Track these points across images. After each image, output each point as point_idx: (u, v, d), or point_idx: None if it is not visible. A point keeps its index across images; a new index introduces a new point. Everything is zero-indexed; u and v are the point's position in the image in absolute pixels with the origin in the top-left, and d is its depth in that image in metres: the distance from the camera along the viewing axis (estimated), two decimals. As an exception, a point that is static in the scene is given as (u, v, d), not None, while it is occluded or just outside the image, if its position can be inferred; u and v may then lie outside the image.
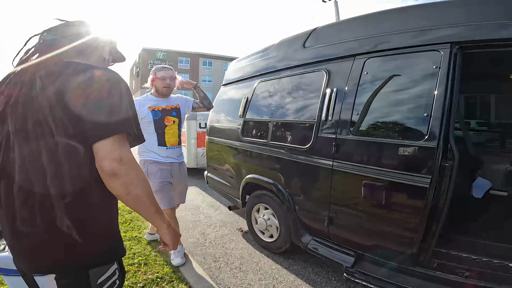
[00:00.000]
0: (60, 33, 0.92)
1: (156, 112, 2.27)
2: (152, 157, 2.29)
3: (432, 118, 1.58)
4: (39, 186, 0.80)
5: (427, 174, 1.58)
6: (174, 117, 2.35)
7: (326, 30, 2.44)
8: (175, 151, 2.37)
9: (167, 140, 2.31)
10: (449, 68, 1.57)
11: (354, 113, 1.93)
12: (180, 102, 2.44)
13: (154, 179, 2.27)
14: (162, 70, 2.31)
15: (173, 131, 2.34)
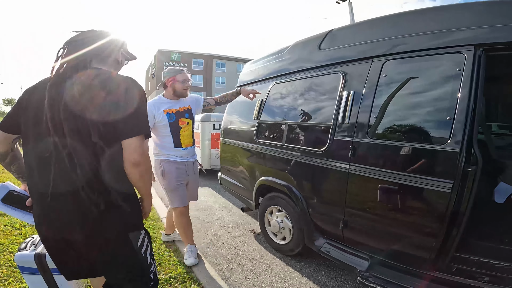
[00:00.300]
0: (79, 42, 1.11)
1: (171, 115, 2.33)
2: (168, 156, 2.36)
3: (455, 121, 1.54)
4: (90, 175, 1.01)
5: (449, 179, 1.54)
6: (187, 119, 2.41)
7: (343, 32, 2.40)
8: (190, 151, 2.43)
9: (183, 141, 2.36)
10: (473, 71, 1.53)
11: (372, 116, 1.90)
12: (191, 103, 2.49)
13: (170, 178, 2.34)
14: (181, 73, 2.37)
15: (187, 132, 2.40)
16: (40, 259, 1.48)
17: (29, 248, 1.53)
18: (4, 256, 2.32)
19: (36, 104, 1.05)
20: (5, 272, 2.09)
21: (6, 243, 2.55)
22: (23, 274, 1.54)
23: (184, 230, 2.48)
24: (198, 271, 2.30)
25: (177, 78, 2.34)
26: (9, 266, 2.17)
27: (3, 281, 1.99)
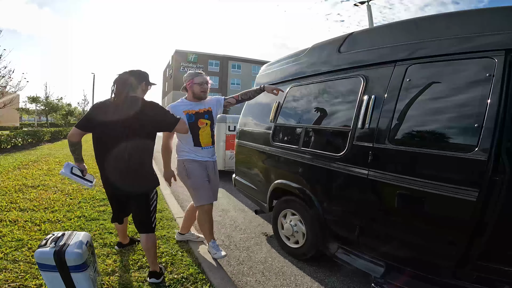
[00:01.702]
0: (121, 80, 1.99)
1: (190, 116, 2.43)
2: (190, 156, 2.46)
3: (483, 129, 1.47)
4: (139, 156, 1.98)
5: (475, 188, 1.49)
6: (207, 120, 2.49)
7: (364, 35, 2.35)
8: (209, 150, 2.52)
9: (202, 141, 2.46)
10: (504, 76, 1.47)
11: (394, 121, 1.84)
12: (212, 105, 2.56)
13: (195, 176, 2.44)
14: (199, 76, 2.48)
15: (206, 132, 2.48)
16: (59, 256, 1.51)
17: (49, 245, 1.57)
18: (23, 252, 2.39)
19: (105, 115, 1.91)
20: (22, 268, 2.15)
21: (25, 239, 2.63)
22: (41, 271, 1.58)
23: (207, 227, 2.53)
24: (210, 272, 2.30)
25: (194, 80, 2.45)
26: (27, 263, 2.23)
27: (20, 277, 2.04)
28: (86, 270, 1.59)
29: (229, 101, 2.64)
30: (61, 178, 5.23)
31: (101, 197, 4.09)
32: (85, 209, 3.58)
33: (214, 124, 2.56)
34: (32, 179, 5.10)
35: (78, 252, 1.55)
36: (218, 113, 2.61)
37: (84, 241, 1.66)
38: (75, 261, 1.53)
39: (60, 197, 4.04)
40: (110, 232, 2.89)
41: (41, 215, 3.26)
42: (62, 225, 3.06)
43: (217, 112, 2.59)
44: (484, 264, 1.62)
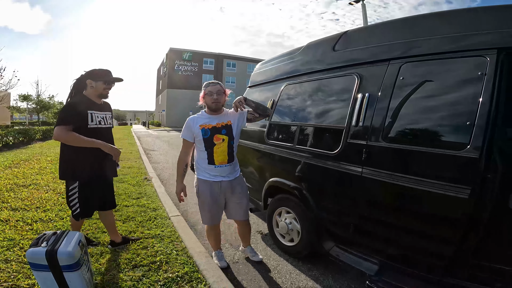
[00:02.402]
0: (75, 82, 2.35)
1: (206, 131, 2.23)
2: (202, 175, 2.32)
3: (475, 127, 1.49)
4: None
5: (467, 185, 1.51)
6: (224, 135, 2.25)
7: (358, 33, 2.36)
8: (224, 169, 2.28)
9: (216, 159, 2.25)
10: (496, 75, 1.48)
11: (387, 119, 1.85)
12: (232, 118, 2.32)
13: (203, 198, 2.34)
14: (209, 86, 2.28)
15: (222, 149, 2.24)
16: (51, 256, 1.49)
17: (41, 244, 1.54)
18: (14, 252, 2.35)
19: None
20: (15, 268, 2.12)
21: (17, 239, 2.60)
22: (33, 270, 1.56)
23: (213, 240, 2.55)
24: (205, 271, 2.29)
25: (205, 91, 2.25)
26: (19, 262, 2.20)
27: (12, 277, 2.01)
28: (79, 269, 1.57)
29: (252, 113, 2.36)
30: (53, 177, 5.16)
31: (94, 196, 4.05)
32: (78, 208, 3.53)
33: (234, 139, 2.29)
34: (23, 178, 5.02)
35: (70, 251, 1.53)
36: (242, 126, 2.36)
37: (77, 240, 1.64)
38: (67, 261, 1.51)
39: (52, 196, 3.99)
40: (104, 231, 2.86)
41: (32, 215, 3.21)
42: (54, 224, 3.02)
43: (240, 126, 2.34)
44: (477, 262, 1.64)
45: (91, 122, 2.26)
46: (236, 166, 2.41)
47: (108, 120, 2.43)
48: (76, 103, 2.25)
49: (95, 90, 2.31)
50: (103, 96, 2.37)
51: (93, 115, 2.28)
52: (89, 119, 2.24)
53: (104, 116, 2.40)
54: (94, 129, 2.27)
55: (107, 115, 2.45)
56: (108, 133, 2.42)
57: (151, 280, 2.11)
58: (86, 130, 2.21)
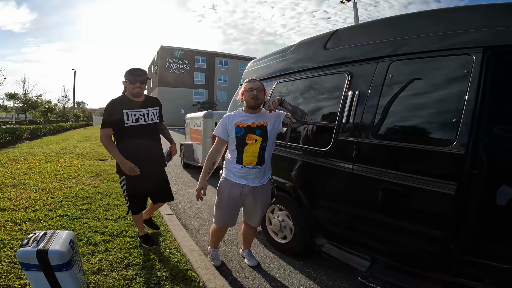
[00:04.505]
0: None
1: (240, 129, 2.13)
2: (227, 175, 2.24)
3: (461, 124, 1.52)
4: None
5: (454, 181, 1.54)
6: (257, 136, 2.13)
7: (349, 31, 2.39)
8: (250, 171, 2.15)
9: (244, 159, 2.14)
10: (481, 73, 1.52)
11: (377, 116, 1.88)
12: (269, 119, 2.18)
13: (221, 197, 2.27)
14: (250, 82, 2.17)
15: (252, 150, 2.13)
16: (42, 256, 1.47)
17: (31, 244, 1.52)
18: (4, 252, 2.32)
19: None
20: (6, 268, 2.09)
21: (6, 239, 2.55)
22: (24, 270, 1.54)
23: (215, 239, 2.47)
24: (199, 269, 2.30)
25: (244, 87, 2.18)
26: (10, 262, 2.17)
27: (3, 277, 1.98)
28: (71, 269, 1.55)
29: (290, 118, 2.17)
30: (41, 176, 5.07)
31: (84, 195, 4.01)
32: (67, 207, 3.49)
33: (267, 142, 2.15)
34: (11, 178, 4.92)
35: (61, 251, 1.51)
36: (277, 129, 2.20)
37: (68, 240, 1.62)
38: (58, 260, 1.50)
39: (41, 196, 3.92)
40: (95, 231, 2.84)
41: (21, 215, 3.16)
42: (44, 224, 2.97)
43: (275, 128, 2.19)
44: (466, 257, 1.66)
45: (127, 120, 2.40)
46: (267, 172, 2.25)
47: (150, 116, 2.53)
48: (111, 104, 2.42)
49: (128, 90, 2.46)
50: (135, 95, 2.46)
51: (129, 113, 2.41)
52: (125, 118, 2.39)
53: (145, 113, 2.50)
54: (132, 127, 2.42)
55: (151, 110, 2.55)
56: (150, 129, 2.53)
57: (144, 279, 2.10)
58: (124, 129, 2.40)
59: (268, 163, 2.23)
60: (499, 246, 1.80)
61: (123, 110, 2.39)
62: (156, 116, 2.59)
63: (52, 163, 6.52)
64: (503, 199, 2.35)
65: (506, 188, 2.37)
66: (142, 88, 2.45)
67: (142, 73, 2.45)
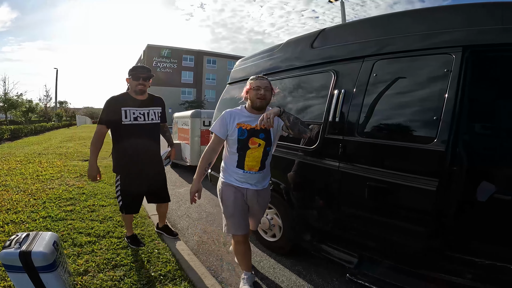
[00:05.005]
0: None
1: (243, 131, 1.94)
2: (227, 179, 2.06)
3: (441, 121, 1.56)
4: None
5: (435, 177, 1.57)
6: (261, 140, 1.96)
7: (335, 31, 2.42)
8: (252, 176, 2.01)
9: (246, 163, 1.98)
10: (461, 72, 1.55)
11: (362, 114, 1.92)
12: (275, 123, 2.01)
13: (227, 203, 2.06)
14: (257, 80, 1.98)
15: (255, 154, 1.97)
16: (25, 257, 1.44)
17: (13, 246, 1.48)
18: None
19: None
20: (-12, 271, 2.02)
21: (-12, 241, 2.47)
22: (8, 272, 1.50)
23: (241, 258, 2.19)
24: (188, 269, 2.29)
25: (251, 85, 1.96)
26: (-8, 265, 2.10)
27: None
28: (56, 270, 1.52)
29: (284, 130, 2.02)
30: (23, 177, 4.92)
31: (68, 196, 3.91)
32: (50, 209, 3.39)
33: (271, 146, 2.01)
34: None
35: (44, 252, 1.48)
36: (277, 134, 2.06)
37: (51, 241, 1.59)
38: (42, 262, 1.46)
39: (23, 197, 3.80)
40: (80, 232, 2.78)
41: (3, 217, 3.05)
42: (26, 226, 2.89)
43: (277, 132, 2.05)
44: (448, 253, 1.69)
45: (125, 118, 2.37)
46: (267, 175, 2.13)
47: (151, 116, 2.49)
48: (109, 101, 2.39)
49: (131, 87, 2.44)
50: (138, 92, 2.43)
51: (128, 111, 2.38)
52: (123, 116, 2.36)
53: (146, 112, 2.46)
54: (129, 125, 2.39)
55: (152, 110, 2.51)
56: (149, 129, 2.49)
57: (133, 279, 2.08)
58: (122, 127, 2.37)
59: (269, 166, 2.11)
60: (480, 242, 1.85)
61: (122, 107, 2.36)
62: (157, 116, 2.55)
63: (34, 164, 6.32)
64: (483, 196, 2.44)
65: (486, 185, 2.47)
66: (146, 85, 2.44)
67: (145, 70, 2.45)
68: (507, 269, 1.54)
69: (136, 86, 2.40)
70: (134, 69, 2.42)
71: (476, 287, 1.54)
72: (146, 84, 2.44)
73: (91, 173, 2.40)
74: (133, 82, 2.40)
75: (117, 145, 2.44)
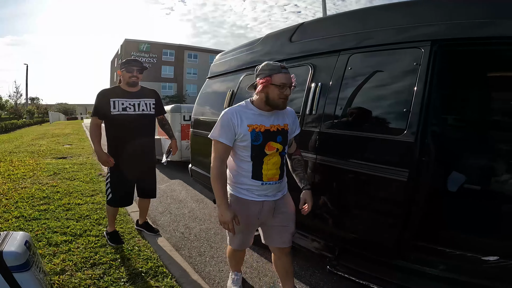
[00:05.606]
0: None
1: (257, 135, 1.57)
2: (238, 191, 1.66)
3: (411, 113, 1.61)
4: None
5: (405, 168, 1.61)
6: (279, 144, 1.62)
7: (313, 25, 2.46)
8: (272, 187, 1.65)
9: (265, 173, 1.61)
10: (429, 65, 1.60)
11: (337, 107, 1.96)
12: (291, 121, 1.71)
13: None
14: (281, 73, 1.53)
15: (273, 161, 1.62)
16: (-5, 257, 1.38)
17: (-6, 245, 1.42)
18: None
19: None
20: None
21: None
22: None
23: (235, 263, 2.09)
24: (170, 265, 2.27)
25: (273, 79, 1.53)
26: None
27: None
28: (30, 269, 1.48)
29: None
30: (-7, 178, 4.67)
31: (41, 196, 3.76)
32: (23, 209, 3.26)
33: (286, 149, 1.70)
34: None
35: (16, 252, 1.43)
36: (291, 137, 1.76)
37: (22, 241, 1.53)
38: (14, 261, 1.41)
39: (-7, 198, 3.61)
40: (55, 231, 2.69)
41: (-30, 219, 2.90)
42: (-2, 227, 2.76)
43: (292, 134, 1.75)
44: (420, 244, 1.75)
45: (113, 109, 2.41)
46: (285, 181, 1.78)
47: (141, 107, 2.52)
48: (99, 93, 2.46)
49: (123, 79, 2.50)
50: (131, 84, 2.49)
51: (116, 102, 2.42)
52: (111, 107, 2.40)
53: (136, 103, 2.50)
54: (118, 115, 2.42)
55: (144, 101, 2.54)
56: (139, 120, 2.51)
57: (113, 277, 2.05)
58: (111, 117, 2.42)
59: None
60: (450, 232, 1.91)
61: (111, 99, 2.41)
62: (150, 107, 2.58)
63: (5, 163, 6.01)
64: (451, 186, 2.58)
65: (454, 174, 2.61)
66: (139, 77, 2.49)
67: (139, 63, 2.51)
68: (477, 259, 1.60)
69: (130, 78, 2.45)
70: (127, 62, 2.47)
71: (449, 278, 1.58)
72: (139, 76, 2.49)
73: (101, 159, 2.44)
74: (126, 74, 2.45)
75: (108, 136, 2.49)
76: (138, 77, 2.48)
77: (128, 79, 2.45)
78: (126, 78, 2.46)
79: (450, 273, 1.60)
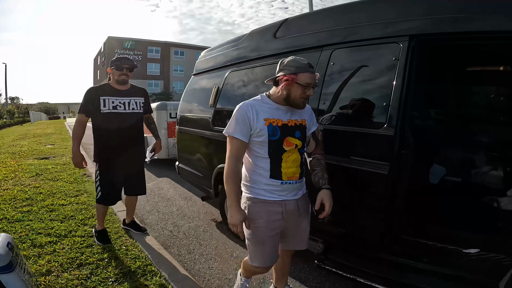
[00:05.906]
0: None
1: (274, 129, 1.47)
2: (255, 192, 1.52)
3: (390, 107, 1.64)
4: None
5: (386, 161, 1.63)
6: (297, 140, 1.51)
7: (297, 21, 2.48)
8: (292, 186, 1.53)
9: (285, 171, 1.49)
10: (407, 60, 1.63)
11: (320, 102, 1.99)
12: (308, 117, 1.62)
13: (256, 226, 1.51)
14: (307, 72, 1.43)
15: (293, 158, 1.50)
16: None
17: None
18: None
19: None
20: None
21: None
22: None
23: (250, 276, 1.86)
24: (159, 264, 2.25)
25: (298, 78, 1.42)
26: None
27: None
28: (14, 271, 1.45)
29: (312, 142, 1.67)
30: (-29, 180, 4.50)
31: (24, 197, 3.66)
32: (5, 210, 3.17)
33: (305, 146, 1.59)
34: None
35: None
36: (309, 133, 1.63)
37: (4, 242, 1.50)
38: (-3, 263, 1.39)
39: (-28, 201, 3.49)
40: (39, 233, 2.64)
41: (-49, 222, 2.80)
42: (-22, 230, 2.68)
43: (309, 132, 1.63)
44: (403, 237, 1.77)
45: (103, 107, 2.39)
46: (304, 181, 1.64)
47: (131, 105, 2.51)
48: (88, 90, 2.45)
49: (112, 77, 2.48)
50: (120, 82, 2.47)
51: (107, 100, 2.40)
52: (101, 105, 2.38)
53: (126, 102, 2.48)
54: (108, 114, 2.40)
55: (134, 100, 2.53)
56: (129, 118, 2.50)
57: (100, 277, 2.02)
58: (100, 116, 2.39)
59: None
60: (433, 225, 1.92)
61: (101, 97, 2.39)
62: (139, 106, 2.57)
63: (-16, 165, 5.79)
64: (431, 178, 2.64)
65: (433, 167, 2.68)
66: (129, 75, 2.48)
67: (129, 61, 2.49)
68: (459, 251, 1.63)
69: (120, 76, 2.43)
70: (117, 60, 2.45)
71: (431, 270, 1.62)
72: (129, 74, 2.48)
73: (76, 160, 2.43)
74: (116, 72, 2.43)
75: (96, 134, 2.46)
76: (128, 75, 2.47)
77: (118, 77, 2.44)
78: (116, 76, 2.44)
79: (433, 266, 1.64)
